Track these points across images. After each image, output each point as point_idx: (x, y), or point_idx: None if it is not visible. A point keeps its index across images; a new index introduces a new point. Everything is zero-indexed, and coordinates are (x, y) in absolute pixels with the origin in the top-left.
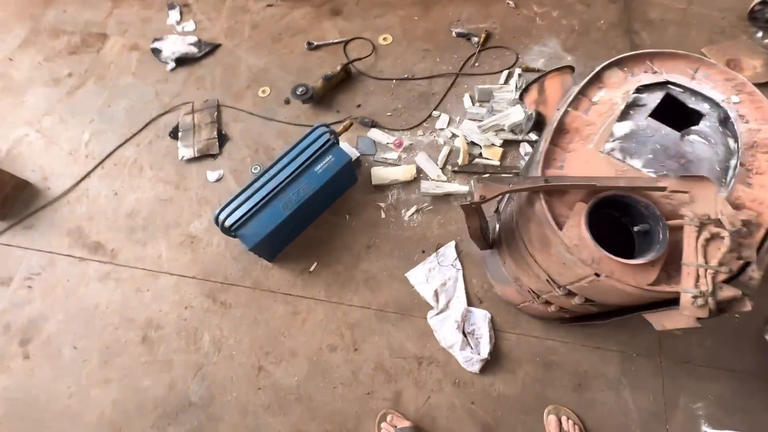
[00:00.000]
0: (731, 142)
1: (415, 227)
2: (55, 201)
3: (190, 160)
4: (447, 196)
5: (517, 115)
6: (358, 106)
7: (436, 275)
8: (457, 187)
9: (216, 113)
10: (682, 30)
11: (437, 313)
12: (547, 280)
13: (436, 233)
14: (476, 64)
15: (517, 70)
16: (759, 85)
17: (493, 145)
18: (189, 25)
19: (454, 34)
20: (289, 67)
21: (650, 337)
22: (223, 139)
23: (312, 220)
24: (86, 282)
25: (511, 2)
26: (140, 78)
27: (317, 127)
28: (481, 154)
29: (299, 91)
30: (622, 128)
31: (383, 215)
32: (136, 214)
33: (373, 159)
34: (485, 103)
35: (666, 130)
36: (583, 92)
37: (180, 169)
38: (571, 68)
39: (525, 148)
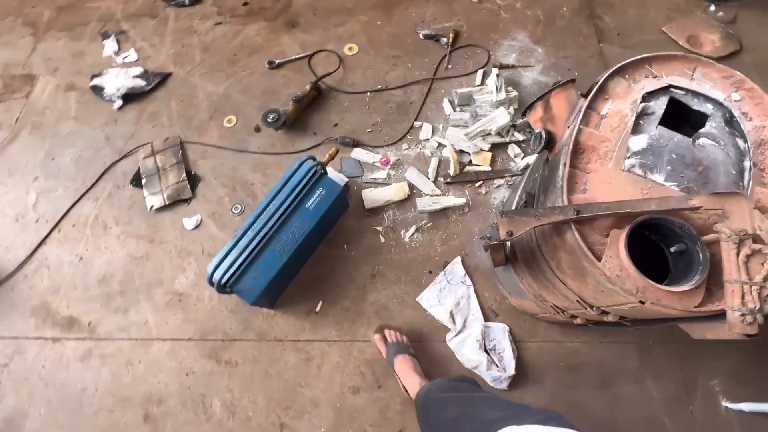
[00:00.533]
0: (740, 142)
1: (417, 248)
2: (10, 277)
3: (161, 209)
4: (445, 210)
5: (502, 117)
6: (335, 125)
7: (448, 295)
8: (454, 200)
9: (180, 152)
10: (641, 11)
11: (456, 335)
12: (578, 301)
13: (440, 251)
14: (449, 66)
15: (495, 71)
16: (719, 59)
17: (481, 150)
18: (130, 55)
19: (421, 36)
20: (253, 90)
21: (661, 324)
22: (193, 180)
23: (309, 257)
24: (65, 365)
25: None
26: (84, 122)
27: (304, 162)
28: (470, 161)
29: (270, 117)
30: (638, 142)
31: (383, 240)
32: (110, 279)
33: (362, 181)
34: (466, 107)
35: (677, 137)
36: (591, 106)
37: (151, 221)
38: (573, 81)
39: (513, 150)
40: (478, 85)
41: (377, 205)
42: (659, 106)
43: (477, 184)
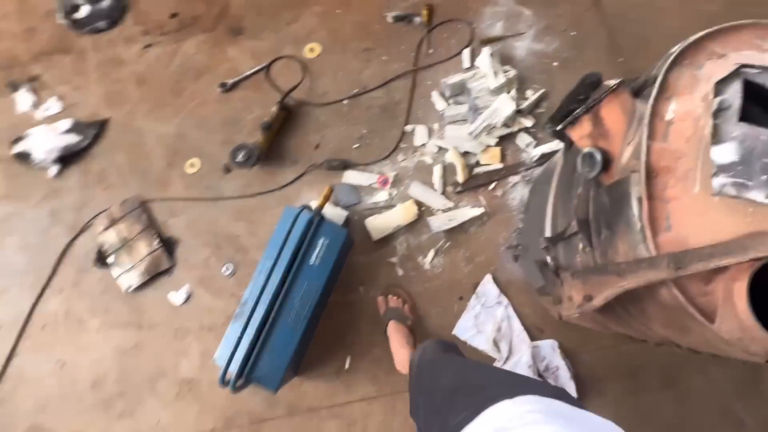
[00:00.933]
0: None
1: (441, 273)
2: None
3: (140, 287)
4: (462, 225)
5: (506, 106)
6: (317, 147)
7: (486, 320)
8: (470, 211)
9: (144, 215)
10: None
11: (503, 363)
12: (669, 342)
13: (466, 271)
14: (430, 51)
15: (486, 50)
16: None
17: (488, 147)
18: (52, 106)
19: (390, 19)
20: (210, 122)
21: None
22: (169, 245)
23: (323, 311)
24: None
25: None
26: (18, 200)
27: (298, 215)
28: (478, 162)
29: (239, 156)
30: (725, 152)
31: (400, 272)
32: (104, 381)
33: (362, 208)
34: (461, 98)
35: (764, 133)
36: (654, 112)
37: (132, 304)
38: (623, 82)
39: (523, 139)
40: (468, 68)
41: (386, 234)
42: (734, 95)
43: (491, 187)
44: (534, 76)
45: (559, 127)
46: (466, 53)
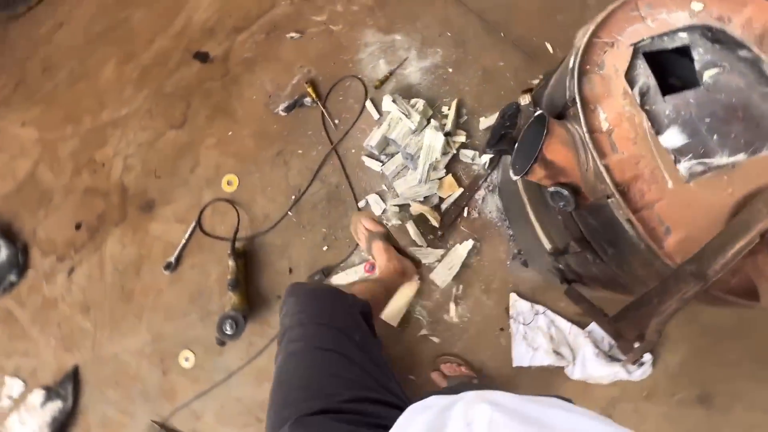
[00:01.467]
0: (743, 52)
1: (471, 318)
2: None
3: None
4: (464, 266)
5: (436, 138)
6: (291, 271)
7: (534, 336)
8: (462, 249)
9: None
10: None
11: (574, 365)
12: None
13: (492, 303)
14: (336, 122)
15: (387, 97)
16: None
17: (440, 179)
18: (13, 387)
19: (281, 112)
20: (176, 308)
21: None
22: None
23: None
24: None
25: (294, 34)
26: None
27: None
28: (440, 198)
29: (227, 329)
30: (672, 138)
31: (437, 340)
32: None
33: None
34: (390, 149)
35: (688, 94)
36: (591, 130)
37: None
38: (543, 116)
39: (466, 155)
40: (379, 118)
41: (403, 314)
42: (646, 77)
43: (465, 214)
44: (439, 92)
45: (518, 177)
46: (369, 105)
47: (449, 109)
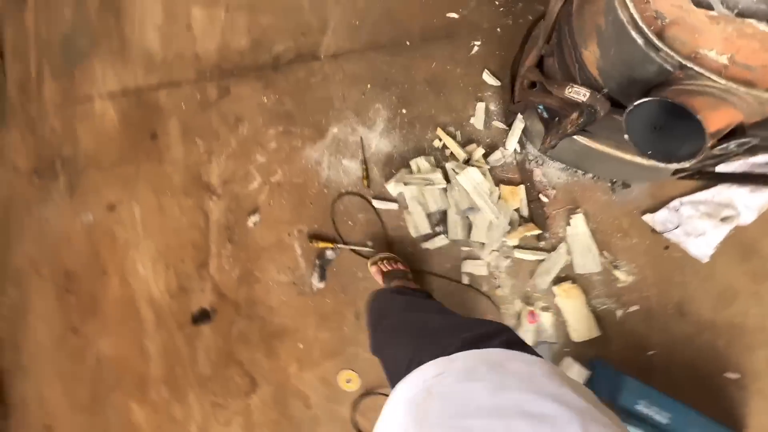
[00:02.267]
0: None
1: (640, 267)
2: None
3: None
4: (591, 235)
5: (468, 174)
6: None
7: (695, 226)
8: (576, 223)
9: None
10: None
11: (740, 214)
12: None
13: (638, 239)
14: (369, 244)
15: (390, 184)
16: None
17: (500, 197)
18: None
19: (318, 286)
20: None
21: None
22: None
23: None
24: None
25: (253, 218)
26: None
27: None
28: (517, 210)
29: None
30: None
31: (636, 307)
32: None
33: (563, 343)
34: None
35: None
36: (720, 74)
37: None
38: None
39: (496, 161)
40: (399, 206)
41: (591, 322)
42: None
43: (544, 200)
44: (417, 136)
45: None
46: (380, 204)
47: (441, 141)
